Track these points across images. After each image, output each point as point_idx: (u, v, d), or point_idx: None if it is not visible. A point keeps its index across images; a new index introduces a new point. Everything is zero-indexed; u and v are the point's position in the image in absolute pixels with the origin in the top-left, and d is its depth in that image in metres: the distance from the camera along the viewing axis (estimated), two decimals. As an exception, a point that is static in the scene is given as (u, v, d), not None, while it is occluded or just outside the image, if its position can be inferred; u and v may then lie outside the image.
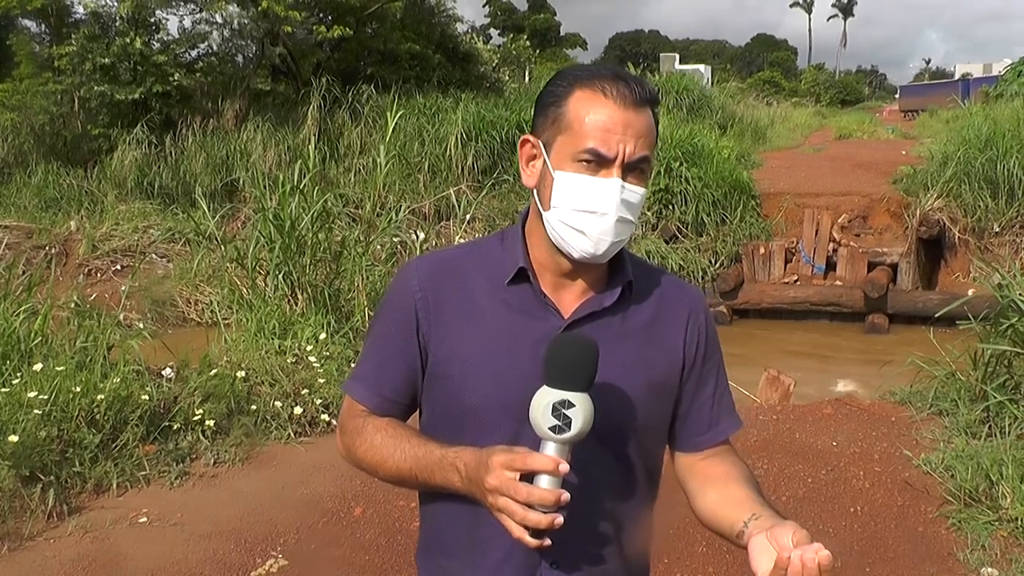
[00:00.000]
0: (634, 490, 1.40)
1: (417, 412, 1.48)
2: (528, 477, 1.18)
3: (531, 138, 1.36)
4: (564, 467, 1.17)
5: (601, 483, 1.34)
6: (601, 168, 1.28)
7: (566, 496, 1.17)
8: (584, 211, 1.29)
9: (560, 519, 1.17)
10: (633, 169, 1.29)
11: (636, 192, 1.31)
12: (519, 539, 1.18)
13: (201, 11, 14.27)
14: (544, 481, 1.17)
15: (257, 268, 6.55)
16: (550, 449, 1.19)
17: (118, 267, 10.68)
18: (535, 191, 1.36)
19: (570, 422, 1.17)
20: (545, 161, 1.33)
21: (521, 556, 1.31)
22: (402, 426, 1.42)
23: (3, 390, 4.17)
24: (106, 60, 12.74)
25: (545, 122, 1.33)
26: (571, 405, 1.18)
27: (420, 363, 1.40)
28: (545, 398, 1.19)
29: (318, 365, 5.28)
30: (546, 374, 1.20)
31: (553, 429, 1.18)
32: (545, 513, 1.16)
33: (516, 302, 1.37)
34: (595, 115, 1.28)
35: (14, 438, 3.76)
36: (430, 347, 1.38)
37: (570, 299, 1.38)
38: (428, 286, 1.39)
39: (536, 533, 1.17)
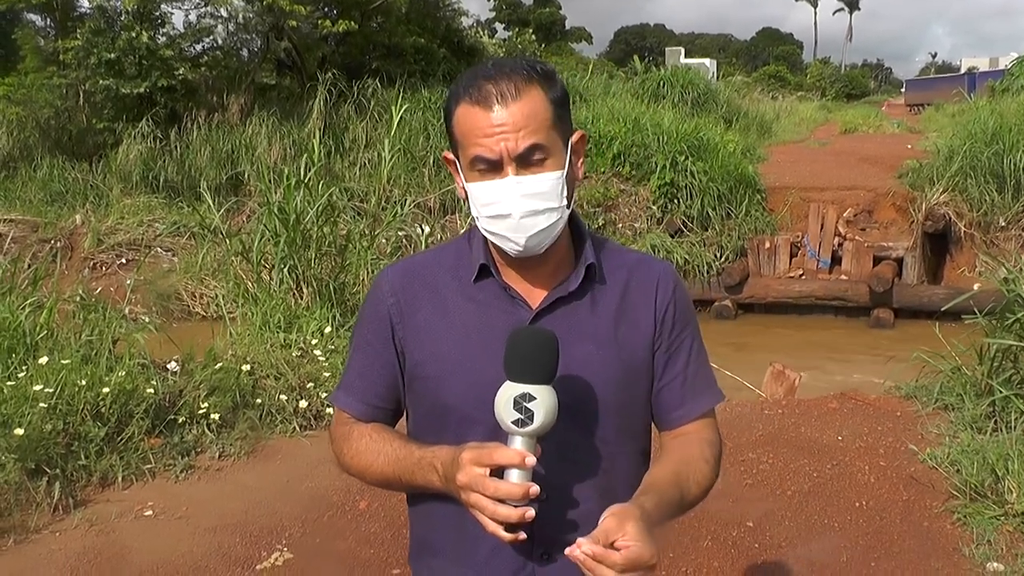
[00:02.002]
0: (623, 475, 1.39)
1: (405, 416, 1.50)
2: (501, 472, 1.19)
3: (449, 156, 1.40)
4: (531, 460, 1.18)
5: (586, 471, 1.34)
6: (497, 172, 1.30)
7: (535, 489, 1.17)
8: (494, 216, 1.31)
9: (531, 512, 1.17)
10: (526, 160, 1.29)
11: (540, 180, 1.30)
12: (494, 534, 1.18)
13: (206, 5, 14.25)
14: (514, 475, 1.18)
15: (262, 262, 6.56)
16: (517, 443, 1.19)
17: (123, 261, 10.71)
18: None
19: (532, 415, 1.18)
20: (460, 176, 1.37)
21: (510, 550, 1.31)
22: (386, 430, 1.44)
23: (9, 383, 4.18)
24: (111, 54, 12.72)
25: (450, 141, 1.37)
26: (532, 398, 1.18)
27: (399, 367, 1.43)
28: (507, 392, 1.20)
29: (323, 359, 5.28)
30: (507, 369, 1.21)
31: (516, 423, 1.19)
32: (515, 507, 1.16)
33: (484, 298, 1.39)
34: (471, 125, 1.30)
35: (20, 431, 3.78)
36: (406, 350, 1.41)
37: (537, 289, 1.39)
38: (400, 292, 1.42)
39: (511, 527, 1.17)
